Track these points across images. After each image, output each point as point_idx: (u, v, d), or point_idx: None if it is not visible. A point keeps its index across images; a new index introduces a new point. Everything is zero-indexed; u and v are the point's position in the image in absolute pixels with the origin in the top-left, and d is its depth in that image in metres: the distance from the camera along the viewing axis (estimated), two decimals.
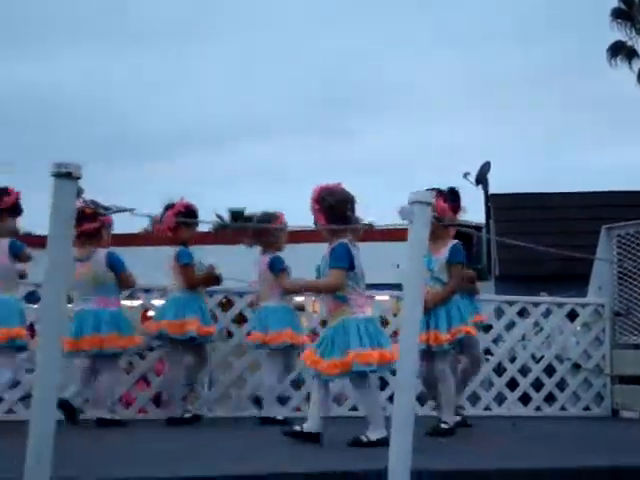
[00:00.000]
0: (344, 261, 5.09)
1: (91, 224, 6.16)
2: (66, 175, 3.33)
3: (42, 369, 3.30)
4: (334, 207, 5.12)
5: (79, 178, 3.37)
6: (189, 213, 6.54)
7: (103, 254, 6.32)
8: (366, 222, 5.30)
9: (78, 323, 6.25)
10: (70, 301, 6.19)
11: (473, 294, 6.68)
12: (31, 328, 6.70)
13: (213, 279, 6.68)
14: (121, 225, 6.60)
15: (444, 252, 5.74)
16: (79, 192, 3.38)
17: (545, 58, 63.89)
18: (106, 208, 3.54)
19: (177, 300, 6.50)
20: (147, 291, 6.86)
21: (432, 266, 5.65)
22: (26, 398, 6.22)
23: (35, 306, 6.52)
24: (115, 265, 6.35)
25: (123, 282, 6.42)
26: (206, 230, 23.04)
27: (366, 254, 7.14)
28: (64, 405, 5.94)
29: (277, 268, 6.54)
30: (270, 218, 6.72)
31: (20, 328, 5.94)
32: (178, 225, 6.44)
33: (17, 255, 5.99)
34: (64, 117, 72.16)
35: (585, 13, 52.39)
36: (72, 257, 3.39)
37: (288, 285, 5.97)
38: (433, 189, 5.67)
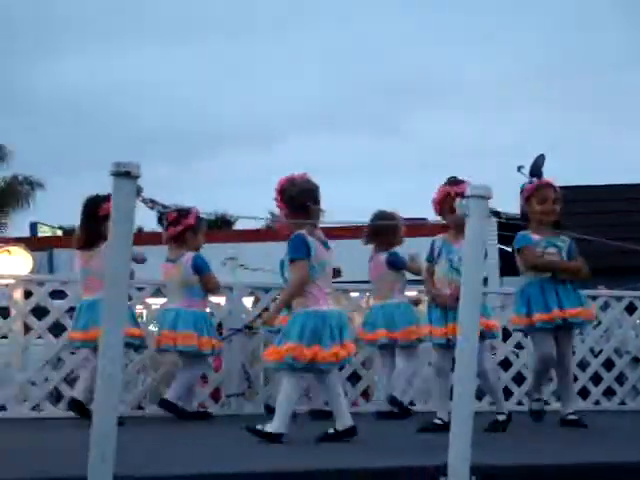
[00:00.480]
0: (301, 251, 4.98)
1: (175, 228, 6.35)
2: (125, 174, 3.38)
3: (104, 366, 3.35)
4: (294, 198, 5.06)
5: (138, 177, 3.41)
6: None
7: (189, 257, 6.39)
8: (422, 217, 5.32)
9: (160, 321, 6.47)
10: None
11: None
12: None
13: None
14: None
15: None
16: (138, 191, 3.43)
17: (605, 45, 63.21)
18: (165, 207, 3.57)
19: None
20: None
21: (451, 256, 5.60)
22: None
23: None
24: (199, 268, 6.39)
25: (206, 285, 6.45)
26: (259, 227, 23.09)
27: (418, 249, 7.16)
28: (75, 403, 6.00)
29: (398, 265, 6.73)
30: (387, 216, 6.79)
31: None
32: None
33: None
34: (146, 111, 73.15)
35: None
36: (130, 255, 3.41)
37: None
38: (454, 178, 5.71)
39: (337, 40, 73.18)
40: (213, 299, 7.03)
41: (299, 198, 5.07)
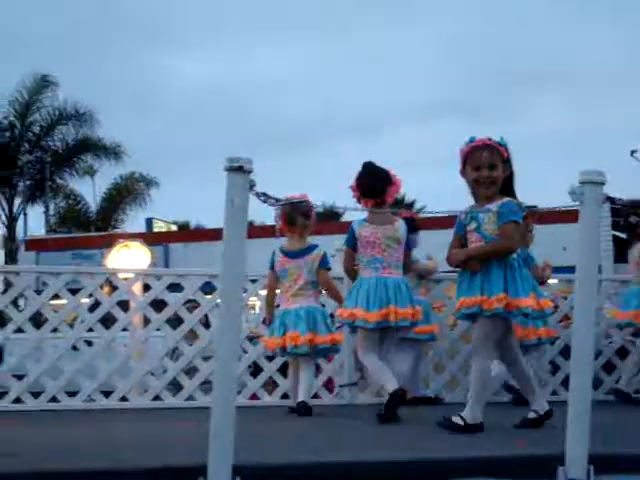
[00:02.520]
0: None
1: (305, 220, 6.28)
2: (238, 169, 3.45)
3: (222, 358, 3.43)
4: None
5: (251, 172, 3.48)
6: None
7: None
8: (530, 205, 5.17)
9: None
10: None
11: None
12: (205, 319, 7.01)
13: None
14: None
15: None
16: (251, 185, 3.49)
17: None
18: (277, 200, 3.63)
19: None
20: None
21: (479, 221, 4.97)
22: (205, 384, 6.47)
23: (209, 297, 6.79)
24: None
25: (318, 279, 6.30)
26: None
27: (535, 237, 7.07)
28: None
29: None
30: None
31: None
32: None
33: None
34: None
35: None
36: (244, 248, 3.48)
37: None
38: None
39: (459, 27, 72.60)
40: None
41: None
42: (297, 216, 6.24)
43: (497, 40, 72.27)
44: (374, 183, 5.79)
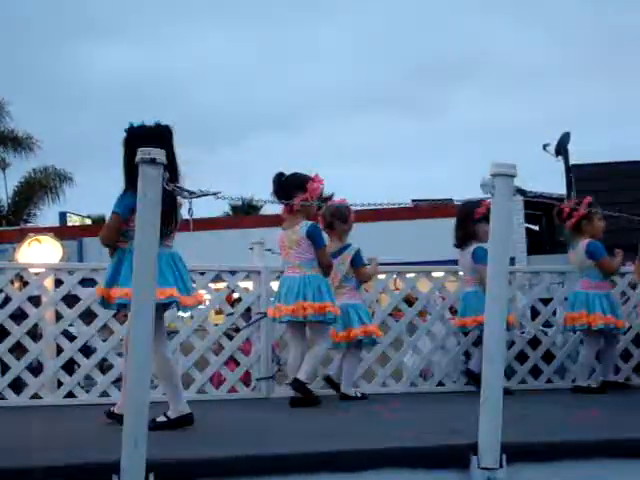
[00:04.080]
0: None
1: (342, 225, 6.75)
2: (151, 161, 3.41)
3: (136, 356, 3.39)
4: None
5: (164, 164, 3.44)
6: None
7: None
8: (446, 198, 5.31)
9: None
10: None
11: None
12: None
13: None
14: (206, 209, 6.68)
15: None
16: (164, 177, 3.46)
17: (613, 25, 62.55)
18: (191, 192, 3.59)
19: None
20: (233, 273, 6.94)
21: None
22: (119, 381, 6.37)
23: None
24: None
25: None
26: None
27: (446, 230, 7.19)
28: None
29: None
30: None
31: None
32: None
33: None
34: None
35: None
36: (158, 242, 3.45)
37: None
38: None
39: (367, 21, 73.04)
40: (241, 284, 7.07)
41: None
42: (334, 220, 6.72)
43: (420, 35, 72.98)
44: (279, 194, 6.20)
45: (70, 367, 6.73)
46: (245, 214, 33.87)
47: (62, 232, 17.34)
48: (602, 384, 7.05)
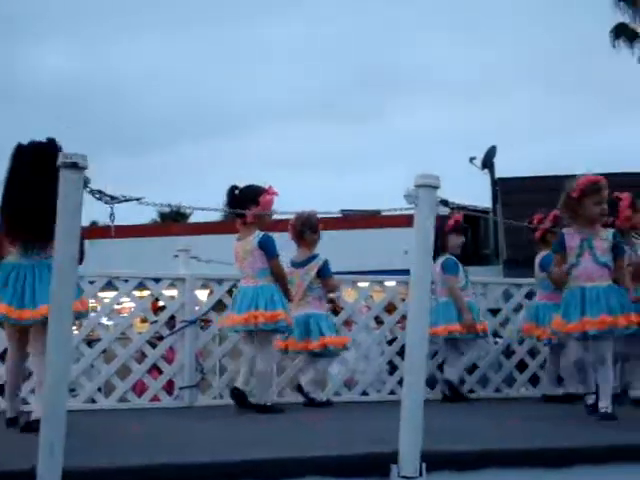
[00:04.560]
0: None
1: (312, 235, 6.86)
2: (72, 165, 3.35)
3: (54, 362, 3.33)
4: None
5: (85, 168, 3.39)
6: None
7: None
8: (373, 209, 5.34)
9: None
10: None
11: None
12: None
13: None
14: (132, 216, 6.62)
15: None
16: (85, 182, 3.40)
17: (549, 41, 63.97)
18: (112, 197, 3.54)
19: None
20: (157, 281, 6.87)
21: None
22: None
23: None
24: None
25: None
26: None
27: (375, 240, 7.24)
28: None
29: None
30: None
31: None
32: None
33: None
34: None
35: None
36: (78, 248, 3.40)
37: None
38: None
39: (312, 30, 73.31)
40: (166, 291, 7.00)
41: None
42: (305, 230, 6.84)
43: (363, 42, 73.47)
44: (233, 206, 6.26)
45: None
46: (173, 221, 33.61)
47: None
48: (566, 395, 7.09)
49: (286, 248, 6.86)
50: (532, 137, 66.91)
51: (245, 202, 6.17)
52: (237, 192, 6.30)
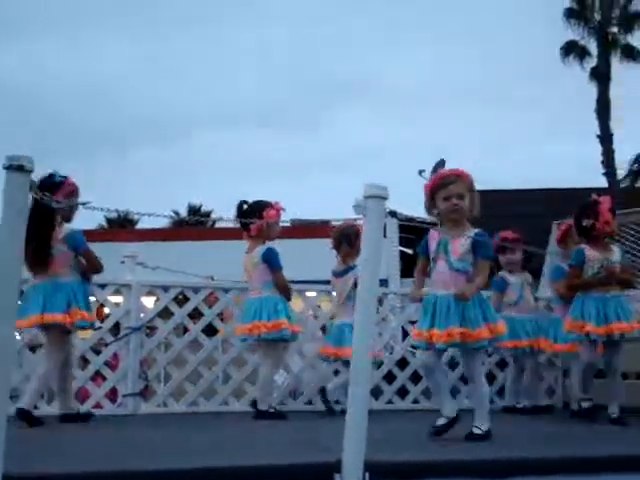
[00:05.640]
0: None
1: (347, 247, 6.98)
2: (18, 168, 3.31)
3: None
4: None
5: (31, 171, 3.35)
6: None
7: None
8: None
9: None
10: None
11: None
12: None
13: None
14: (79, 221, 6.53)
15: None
16: (31, 185, 3.36)
17: (500, 56, 64.76)
18: (58, 202, 3.51)
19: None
20: (102, 287, 6.79)
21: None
22: None
23: None
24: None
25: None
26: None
27: (324, 250, 7.26)
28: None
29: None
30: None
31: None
32: None
33: None
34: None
35: (538, 13, 53.38)
36: (22, 252, 3.37)
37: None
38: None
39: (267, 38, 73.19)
40: (111, 298, 6.93)
41: None
42: (342, 241, 7.03)
43: (312, 50, 73.70)
44: (241, 221, 6.54)
45: None
46: (120, 227, 33.36)
47: None
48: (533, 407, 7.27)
49: (328, 256, 7.16)
50: (483, 151, 67.60)
51: (251, 216, 6.43)
52: (245, 207, 6.56)
